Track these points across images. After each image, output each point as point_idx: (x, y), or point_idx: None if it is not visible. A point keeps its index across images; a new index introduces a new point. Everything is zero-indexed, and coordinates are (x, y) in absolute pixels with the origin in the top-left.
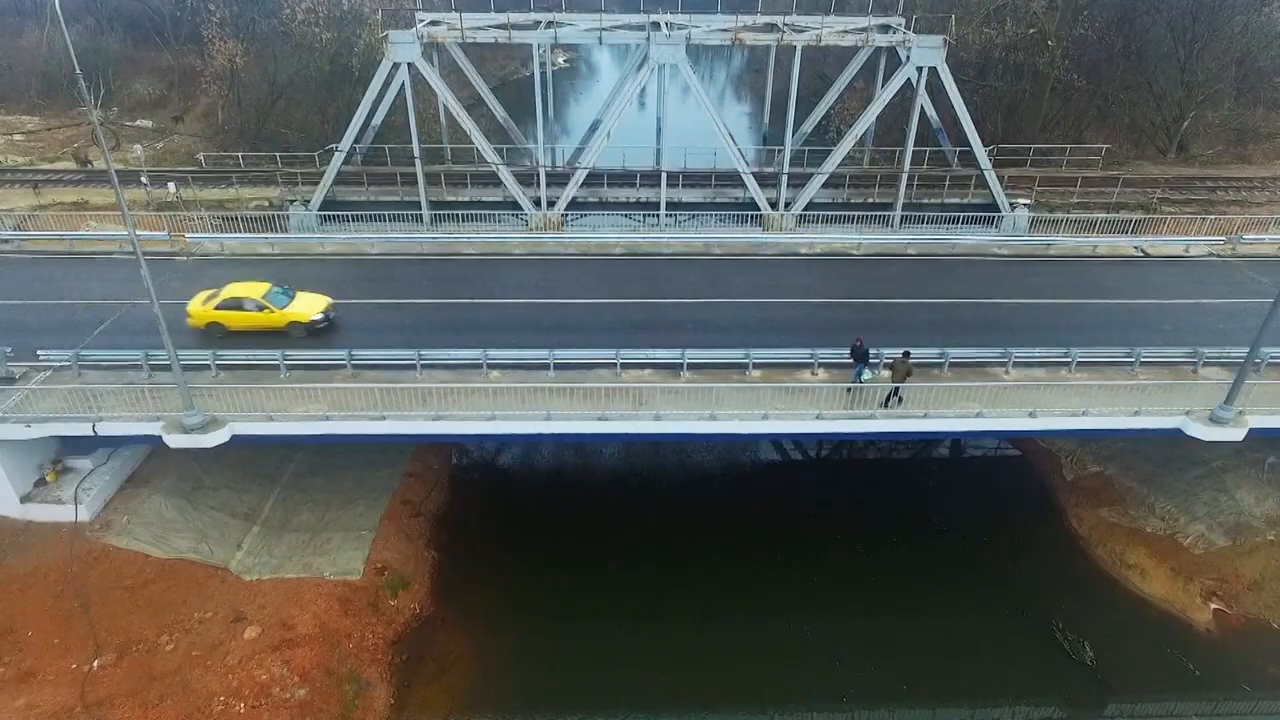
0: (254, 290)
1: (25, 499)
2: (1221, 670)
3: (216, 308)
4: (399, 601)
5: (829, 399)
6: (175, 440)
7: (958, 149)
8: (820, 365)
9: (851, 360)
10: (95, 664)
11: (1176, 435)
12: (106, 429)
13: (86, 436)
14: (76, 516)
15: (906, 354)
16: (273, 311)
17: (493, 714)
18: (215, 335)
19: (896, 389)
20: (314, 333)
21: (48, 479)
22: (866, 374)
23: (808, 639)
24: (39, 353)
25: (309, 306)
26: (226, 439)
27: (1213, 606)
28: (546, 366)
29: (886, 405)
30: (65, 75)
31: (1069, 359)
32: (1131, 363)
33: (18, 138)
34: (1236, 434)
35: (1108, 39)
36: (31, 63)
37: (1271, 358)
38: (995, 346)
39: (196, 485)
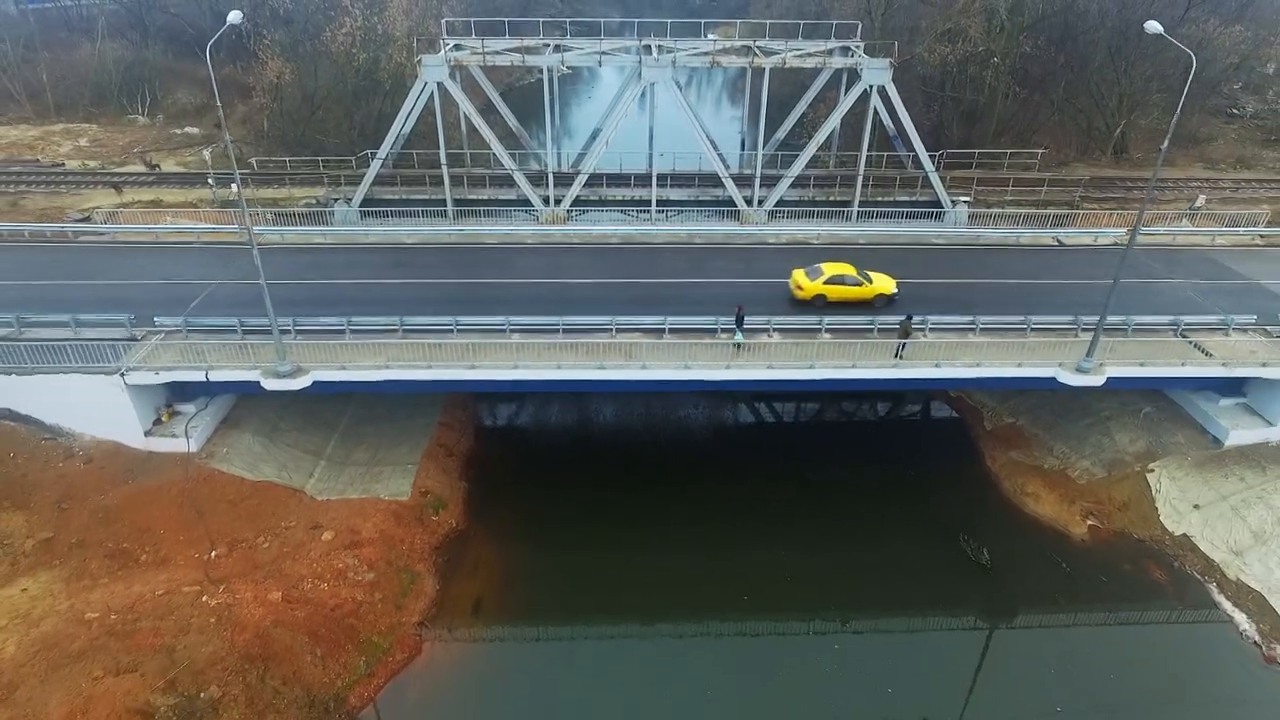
0: (848, 269)
1: (148, 433)
2: (1088, 568)
3: (825, 283)
4: (439, 518)
5: (778, 353)
6: (271, 384)
7: (910, 153)
8: (775, 330)
9: (734, 325)
10: (212, 554)
11: (1052, 383)
12: (216, 376)
13: (195, 383)
14: (189, 447)
15: (909, 317)
16: (866, 286)
17: (514, 602)
18: (817, 305)
19: (903, 343)
20: (890, 303)
21: (163, 419)
22: (739, 335)
23: (768, 558)
24: (155, 319)
25: (887, 283)
26: (309, 383)
27: (1089, 523)
28: (557, 330)
29: (897, 355)
30: (115, 85)
31: (974, 325)
32: (1024, 328)
33: (83, 143)
34: (1097, 380)
35: (1049, 55)
36: (84, 74)
37: (1137, 324)
38: (916, 314)
39: (275, 428)
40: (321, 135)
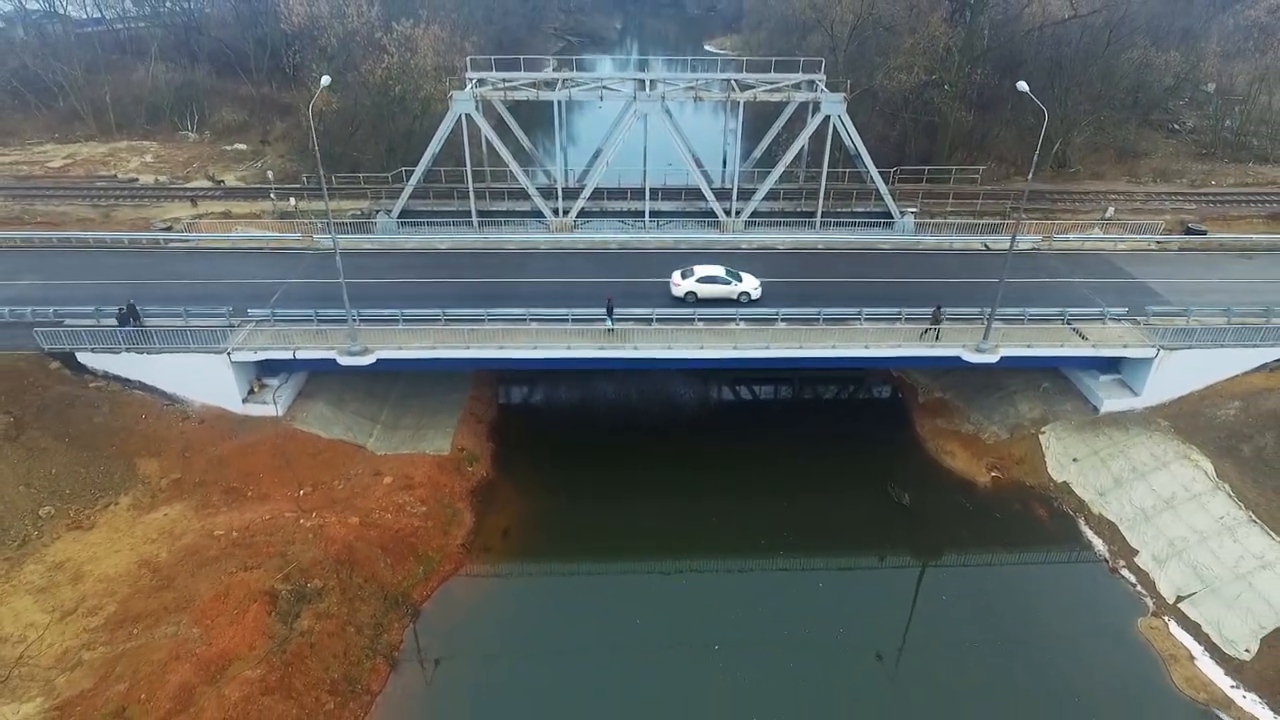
0: None
1: (244, 401)
2: (986, 508)
3: None
4: (473, 469)
5: (743, 336)
6: (345, 360)
7: (868, 170)
8: (741, 319)
9: (606, 312)
10: (301, 492)
11: (958, 361)
12: (301, 355)
13: (281, 360)
14: (276, 411)
15: (939, 308)
16: None
17: (532, 532)
18: None
19: (932, 329)
20: None
21: (255, 390)
22: (610, 322)
23: (735, 502)
24: (248, 310)
25: None
26: (374, 360)
27: (992, 474)
28: (566, 319)
29: (931, 337)
30: (167, 105)
31: (899, 315)
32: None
33: (148, 159)
34: (992, 358)
35: (995, 82)
36: (139, 94)
37: (1032, 314)
38: (855, 307)
39: (340, 399)
40: (357, 152)
